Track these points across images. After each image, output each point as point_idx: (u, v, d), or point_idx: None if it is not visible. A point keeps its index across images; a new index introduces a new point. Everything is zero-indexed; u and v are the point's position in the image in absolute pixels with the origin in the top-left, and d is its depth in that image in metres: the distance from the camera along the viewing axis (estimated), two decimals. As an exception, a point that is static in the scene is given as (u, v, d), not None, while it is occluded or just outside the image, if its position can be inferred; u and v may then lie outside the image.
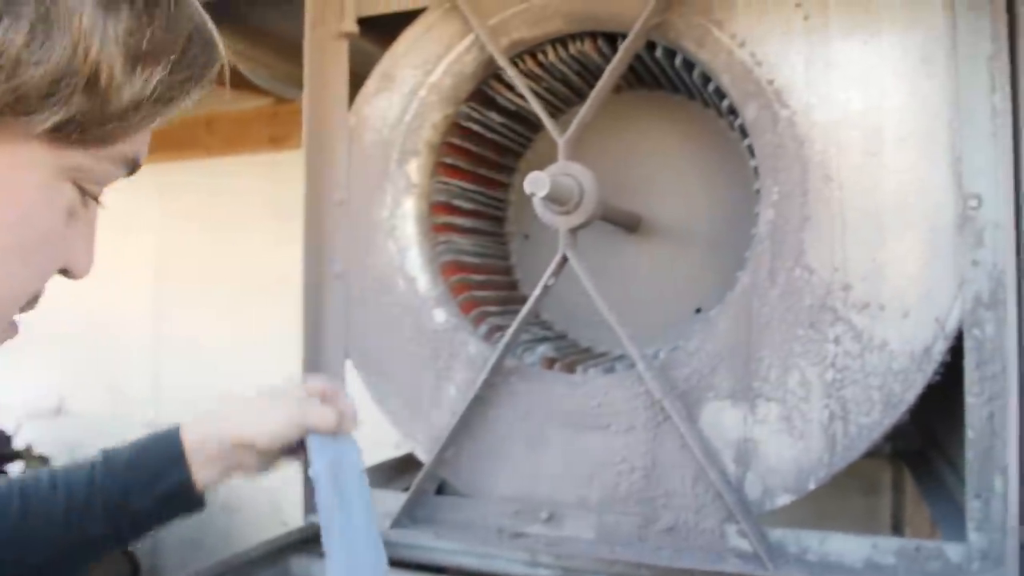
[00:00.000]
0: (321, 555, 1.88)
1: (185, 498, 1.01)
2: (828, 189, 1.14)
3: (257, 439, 1.00)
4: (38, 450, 3.68)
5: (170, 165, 3.87)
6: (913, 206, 1.09)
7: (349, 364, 1.47)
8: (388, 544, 1.41)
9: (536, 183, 1.12)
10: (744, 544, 1.19)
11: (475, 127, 1.50)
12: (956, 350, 1.09)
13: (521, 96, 1.35)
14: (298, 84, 1.57)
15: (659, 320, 1.47)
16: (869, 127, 1.12)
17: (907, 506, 2.18)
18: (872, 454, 2.09)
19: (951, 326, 1.08)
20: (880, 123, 1.11)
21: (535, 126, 1.56)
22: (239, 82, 3.22)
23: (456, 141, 1.49)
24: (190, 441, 1.01)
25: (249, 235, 3.63)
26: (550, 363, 1.40)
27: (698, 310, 1.47)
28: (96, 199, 0.62)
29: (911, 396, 1.10)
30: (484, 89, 1.45)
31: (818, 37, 1.14)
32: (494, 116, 1.50)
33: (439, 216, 1.48)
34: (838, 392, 1.14)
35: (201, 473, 1.01)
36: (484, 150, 1.56)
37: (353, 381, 1.46)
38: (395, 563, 1.74)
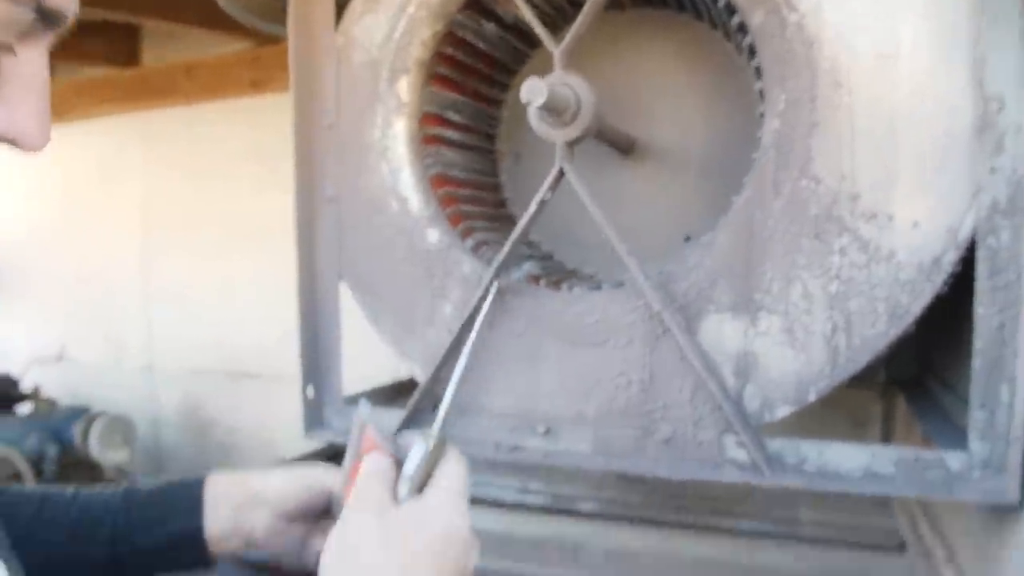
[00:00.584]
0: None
1: (192, 547, 0.96)
2: (838, 95, 1.10)
3: (267, 491, 0.97)
4: (44, 394, 3.76)
5: (150, 114, 3.83)
6: (928, 111, 1.06)
7: (343, 287, 1.45)
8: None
9: (532, 91, 1.09)
10: (742, 455, 1.18)
11: (469, 37, 1.45)
12: (966, 261, 1.07)
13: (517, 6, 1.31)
14: (275, 18, 1.52)
15: (647, 247, 1.44)
16: (883, 29, 1.08)
17: (895, 439, 2.19)
18: (863, 385, 2.11)
19: (963, 235, 1.05)
20: (895, 24, 1.07)
21: (531, 40, 1.51)
22: (217, 23, 3.15)
23: (449, 51, 1.44)
24: (211, 491, 0.97)
25: (233, 181, 3.60)
26: (535, 281, 1.37)
27: (687, 238, 1.45)
28: (10, 50, 0.54)
29: (918, 307, 1.08)
30: (480, -1, 1.41)
31: (828, -67, 1.10)
32: (490, 27, 1.46)
33: (429, 128, 1.45)
34: (842, 304, 1.11)
35: (215, 527, 0.96)
36: (478, 63, 1.52)
37: (347, 303, 1.44)
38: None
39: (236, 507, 0.96)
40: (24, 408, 3.75)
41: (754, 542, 1.54)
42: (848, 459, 1.14)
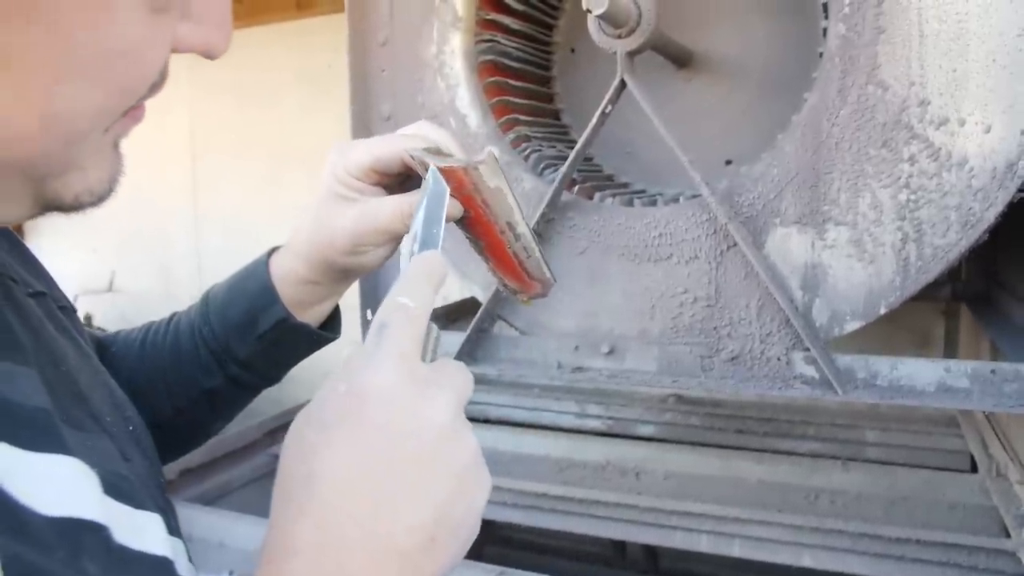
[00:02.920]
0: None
1: (295, 334, 0.86)
2: (905, -3, 1.07)
3: (321, 247, 0.82)
4: (96, 324, 3.80)
5: (197, 39, 3.84)
6: (1000, 8, 1.02)
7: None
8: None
9: (595, 0, 1.07)
10: (811, 371, 1.17)
11: None
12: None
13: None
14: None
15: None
16: (953, -76, 1.04)
17: (960, 357, 2.16)
18: (926, 303, 2.08)
19: (1038, 138, 1.02)
20: (965, -81, 1.03)
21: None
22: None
23: None
24: (276, 270, 0.86)
25: (280, 107, 3.61)
26: (571, 184, 1.35)
27: (728, 162, 1.42)
28: None
29: (991, 215, 1.05)
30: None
31: None
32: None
33: (486, 12, 1.43)
34: (912, 213, 1.09)
35: (300, 303, 0.86)
36: None
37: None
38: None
39: (309, 273, 0.85)
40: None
41: (818, 463, 1.54)
42: (921, 374, 1.13)
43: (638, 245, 1.25)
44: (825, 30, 1.15)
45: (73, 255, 4.29)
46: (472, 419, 1.83)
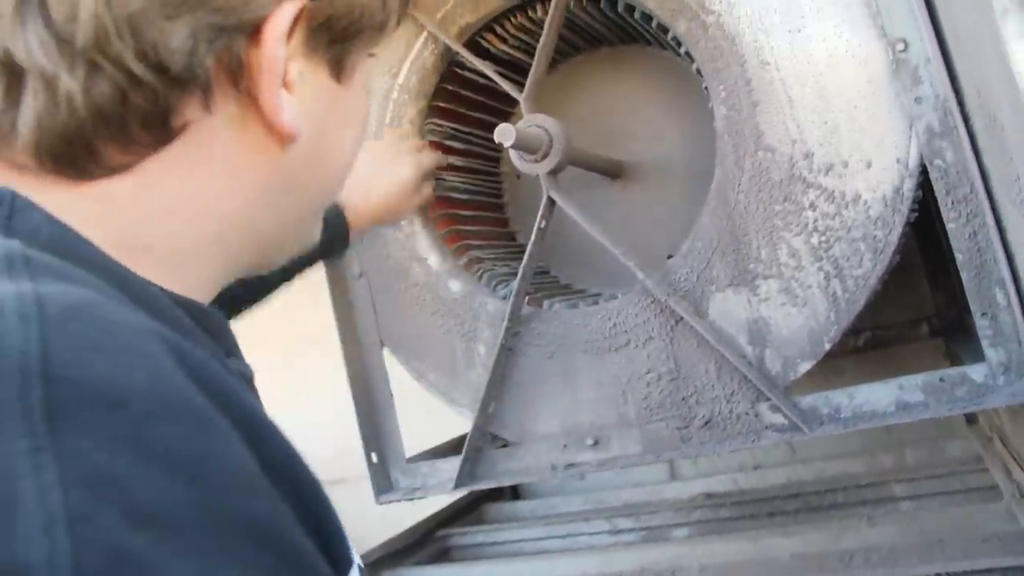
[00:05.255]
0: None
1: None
2: (767, 72, 1.21)
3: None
4: None
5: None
6: (846, 65, 1.16)
7: (387, 352, 1.57)
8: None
9: (503, 134, 1.21)
10: (779, 418, 1.24)
11: (468, 75, 1.58)
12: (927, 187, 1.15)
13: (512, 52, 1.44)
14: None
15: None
16: (787, 7, 1.20)
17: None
18: (926, 348, 2.12)
19: (913, 163, 1.14)
20: (797, 1, 1.19)
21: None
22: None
23: (450, 87, 1.59)
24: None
25: (274, 300, 3.73)
26: (525, 296, 1.45)
27: (670, 256, 1.53)
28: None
29: (894, 237, 1.16)
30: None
31: (721, -64, 1.23)
32: (486, 65, 1.54)
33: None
34: (827, 253, 1.20)
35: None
36: (478, 95, 1.64)
37: (393, 366, 1.55)
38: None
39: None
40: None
41: (846, 524, 1.55)
42: (878, 396, 1.21)
43: (598, 339, 1.36)
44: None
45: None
46: (507, 555, 1.87)
